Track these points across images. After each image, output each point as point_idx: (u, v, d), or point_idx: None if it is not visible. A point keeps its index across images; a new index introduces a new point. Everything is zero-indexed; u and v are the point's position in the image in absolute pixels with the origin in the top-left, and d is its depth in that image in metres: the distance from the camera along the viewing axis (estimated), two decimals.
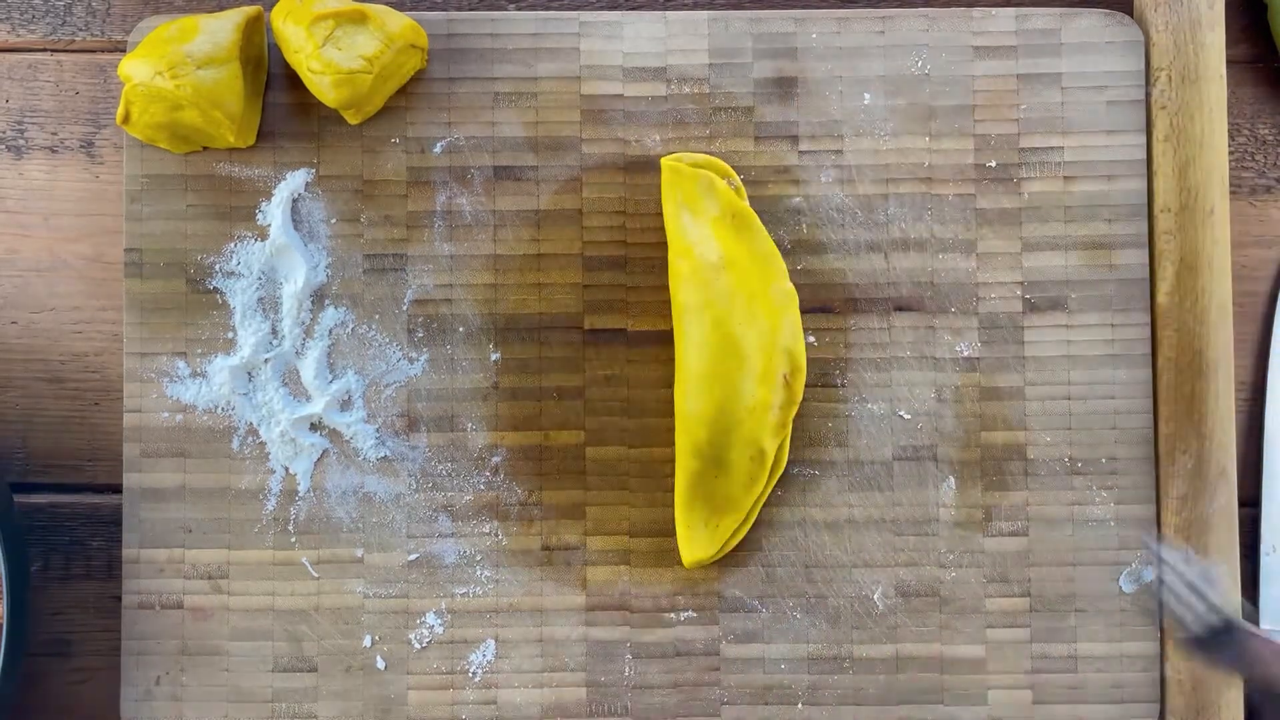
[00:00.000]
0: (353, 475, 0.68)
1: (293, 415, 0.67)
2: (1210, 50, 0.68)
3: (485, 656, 0.67)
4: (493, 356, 0.68)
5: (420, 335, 0.68)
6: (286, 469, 0.68)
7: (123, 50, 0.71)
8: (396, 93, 0.68)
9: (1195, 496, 0.67)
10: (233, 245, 0.68)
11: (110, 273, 0.70)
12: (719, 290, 0.65)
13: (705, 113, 0.69)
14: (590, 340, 0.68)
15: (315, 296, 0.68)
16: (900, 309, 0.68)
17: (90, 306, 0.70)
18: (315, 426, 0.68)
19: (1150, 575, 0.67)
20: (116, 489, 0.69)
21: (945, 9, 0.69)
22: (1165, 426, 0.67)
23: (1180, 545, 0.66)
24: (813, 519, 0.68)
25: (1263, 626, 0.68)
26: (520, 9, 0.71)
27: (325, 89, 0.65)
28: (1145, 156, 0.68)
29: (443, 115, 0.69)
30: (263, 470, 0.68)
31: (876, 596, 0.67)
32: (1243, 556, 0.67)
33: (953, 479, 0.68)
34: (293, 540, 0.67)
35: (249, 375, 0.68)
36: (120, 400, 0.69)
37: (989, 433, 0.68)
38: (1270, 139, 0.71)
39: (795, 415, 0.66)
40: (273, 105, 0.69)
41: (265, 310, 0.68)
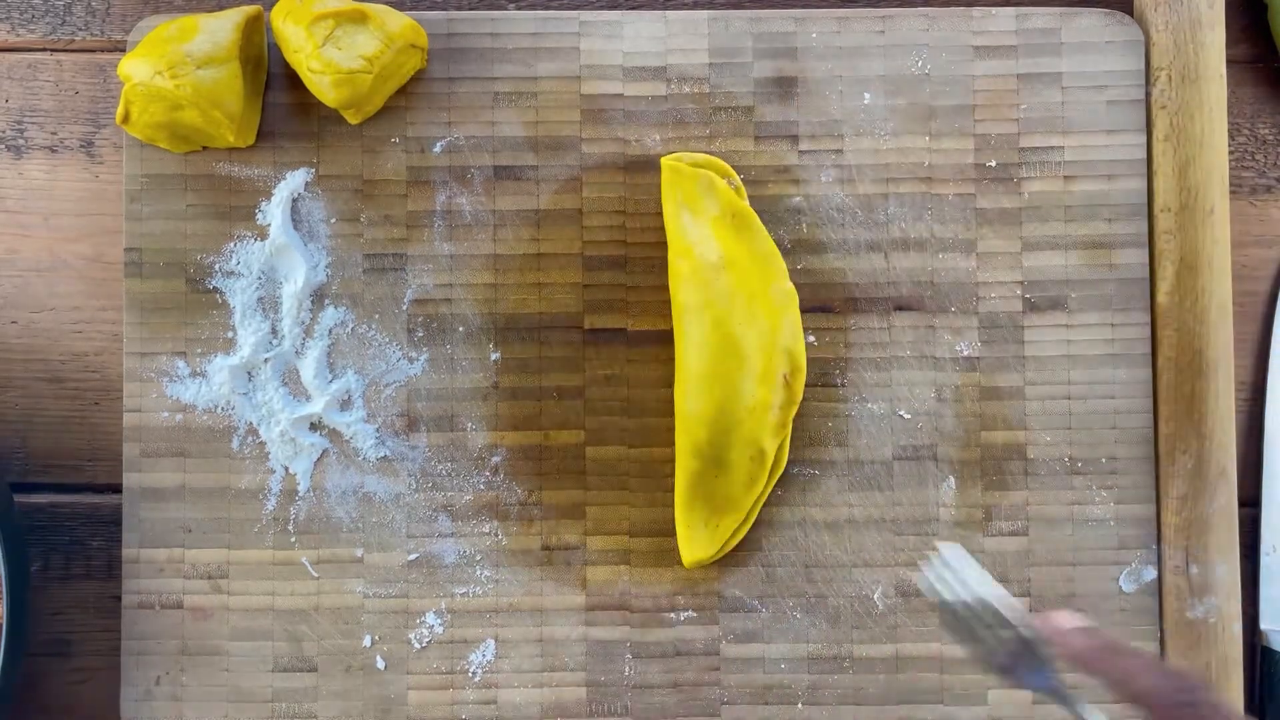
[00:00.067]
0: (353, 475, 0.68)
1: (293, 415, 0.67)
2: (1210, 50, 0.68)
3: (485, 656, 0.67)
4: (493, 356, 0.68)
5: (420, 335, 0.68)
6: (286, 469, 0.67)
7: (122, 50, 0.70)
8: (396, 92, 0.68)
9: (1195, 496, 0.67)
10: (232, 245, 0.68)
11: (110, 272, 0.70)
12: (719, 290, 0.65)
13: (705, 112, 0.68)
14: (590, 340, 0.68)
15: (315, 296, 0.68)
16: (900, 309, 0.68)
17: (90, 306, 0.70)
18: (315, 426, 0.68)
19: (1151, 575, 0.67)
20: (116, 489, 0.69)
21: (945, 9, 0.69)
22: (1165, 426, 0.67)
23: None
24: (813, 519, 0.68)
25: (1263, 627, 0.68)
26: (520, 9, 0.71)
27: (325, 89, 0.65)
28: (1145, 156, 0.68)
29: (443, 115, 0.69)
30: (263, 470, 0.68)
31: (876, 596, 0.67)
32: (1243, 556, 0.67)
33: (953, 479, 0.68)
34: (293, 540, 0.67)
35: (249, 375, 0.68)
36: (120, 400, 0.69)
37: (989, 432, 0.68)
38: (1270, 139, 0.71)
39: (795, 415, 0.66)
40: (273, 105, 0.69)
41: (265, 310, 0.68)
